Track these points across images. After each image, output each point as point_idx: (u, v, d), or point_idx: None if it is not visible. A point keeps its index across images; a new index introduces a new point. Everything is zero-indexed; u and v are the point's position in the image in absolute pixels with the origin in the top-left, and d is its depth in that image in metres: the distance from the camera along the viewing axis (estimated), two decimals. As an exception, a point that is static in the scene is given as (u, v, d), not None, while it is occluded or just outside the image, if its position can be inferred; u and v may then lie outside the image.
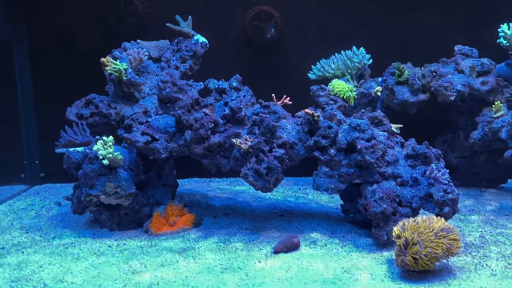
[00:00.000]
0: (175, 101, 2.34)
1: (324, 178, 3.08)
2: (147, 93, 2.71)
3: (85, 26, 3.29)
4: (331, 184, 3.03)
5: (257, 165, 2.17)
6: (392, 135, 2.36)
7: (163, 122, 2.44)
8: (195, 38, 2.95)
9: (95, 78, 3.17)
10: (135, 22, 3.20)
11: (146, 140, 2.30)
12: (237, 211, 2.65)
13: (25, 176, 3.37)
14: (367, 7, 3.30)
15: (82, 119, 2.59)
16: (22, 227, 2.49)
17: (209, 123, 2.30)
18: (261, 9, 3.22)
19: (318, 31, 3.34)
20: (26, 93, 3.30)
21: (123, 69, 2.57)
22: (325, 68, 3.05)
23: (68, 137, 2.51)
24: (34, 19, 3.24)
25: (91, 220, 2.52)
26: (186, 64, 2.91)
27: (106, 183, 2.28)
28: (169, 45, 2.99)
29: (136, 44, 2.89)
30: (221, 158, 2.31)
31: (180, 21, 2.96)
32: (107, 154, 2.23)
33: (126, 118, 2.57)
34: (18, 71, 3.26)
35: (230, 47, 3.35)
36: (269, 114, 2.33)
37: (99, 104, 2.61)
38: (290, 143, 2.22)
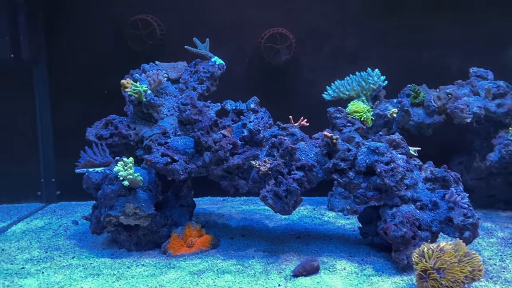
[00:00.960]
0: (194, 123, 2.38)
1: (339, 199, 3.08)
2: (166, 114, 2.75)
3: (103, 46, 3.35)
4: (346, 205, 3.02)
5: (276, 188, 2.18)
6: (410, 158, 2.36)
7: (181, 143, 2.47)
8: (213, 60, 3.00)
9: (111, 98, 3.26)
10: (152, 44, 3.26)
11: (166, 161, 2.32)
12: (253, 232, 2.65)
13: (42, 194, 3.41)
14: (381, 29, 3.34)
15: (102, 139, 2.62)
16: (41, 247, 2.50)
17: (228, 145, 2.32)
18: (276, 31, 3.27)
19: (332, 53, 3.38)
20: (44, 112, 3.35)
21: (143, 90, 2.61)
22: (340, 89, 3.08)
23: (87, 157, 2.54)
24: (53, 39, 3.31)
25: (109, 240, 2.53)
26: (204, 85, 2.95)
27: (126, 204, 2.30)
28: (187, 67, 3.04)
29: (154, 66, 2.94)
30: (240, 180, 2.33)
31: (198, 43, 3.01)
32: (128, 175, 2.26)
33: (145, 139, 2.61)
34: (37, 89, 3.32)
35: (245, 68, 3.39)
36: (287, 136, 2.35)
37: (119, 125, 2.65)
38: (309, 166, 2.23)
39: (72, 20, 3.30)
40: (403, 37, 3.33)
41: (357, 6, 3.33)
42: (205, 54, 3.00)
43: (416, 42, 3.33)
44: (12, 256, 2.38)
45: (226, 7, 3.33)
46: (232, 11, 3.34)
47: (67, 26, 3.30)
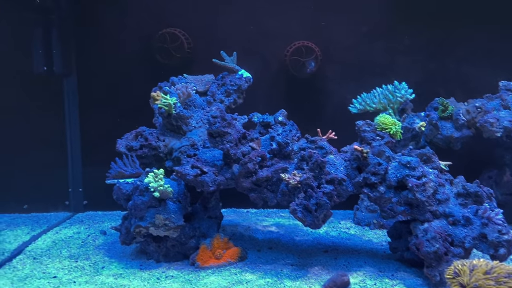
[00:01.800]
0: (224, 135, 2.40)
1: (365, 212, 3.06)
2: (194, 126, 2.78)
3: (131, 59, 3.42)
4: (373, 219, 3.00)
5: (306, 201, 2.17)
6: (441, 172, 2.34)
7: (210, 155, 2.49)
8: (240, 73, 3.03)
9: (139, 110, 3.31)
10: (180, 57, 3.31)
11: (196, 173, 2.34)
12: (280, 245, 2.64)
13: (69, 204, 3.46)
14: (408, 41, 3.33)
15: (132, 151, 2.67)
16: (71, 256, 2.54)
17: (256, 158, 2.33)
18: (301, 44, 3.30)
19: (358, 65, 3.38)
20: (73, 123, 3.42)
21: (173, 103, 2.65)
22: (366, 102, 3.07)
23: (118, 168, 2.58)
24: (83, 53, 3.39)
25: (138, 251, 2.56)
26: (231, 98, 2.98)
27: (156, 215, 2.33)
28: (214, 80, 3.08)
29: (183, 79, 2.99)
30: (268, 192, 2.33)
31: (225, 56, 3.05)
32: (158, 187, 2.29)
33: (175, 151, 2.64)
34: (67, 101, 3.39)
35: (270, 81, 3.42)
36: (316, 149, 2.36)
37: (149, 137, 2.69)
38: (339, 179, 2.22)
39: (101, 34, 3.37)
40: (430, 49, 3.32)
41: (384, 19, 3.34)
42: (232, 67, 3.03)
43: (443, 55, 3.31)
44: (43, 265, 2.42)
45: (252, 21, 3.38)
46: (257, 25, 3.38)
47: (96, 40, 3.38)
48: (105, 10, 3.33)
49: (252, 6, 3.36)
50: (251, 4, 3.35)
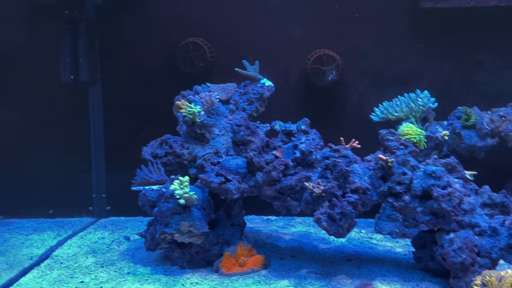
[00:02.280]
0: (248, 143, 2.43)
1: (387, 221, 3.03)
2: (217, 134, 2.82)
3: (154, 68, 3.48)
4: (395, 228, 2.97)
5: (330, 210, 2.19)
6: (466, 182, 2.32)
7: (233, 163, 2.52)
8: (262, 81, 3.06)
9: (161, 117, 3.37)
10: (202, 65, 3.36)
11: (220, 181, 2.37)
12: (303, 254, 2.65)
13: (93, 209, 3.53)
14: (430, 50, 3.33)
15: (157, 158, 2.72)
16: (97, 261, 2.59)
17: (280, 166, 2.35)
18: (322, 52, 3.31)
19: (380, 74, 3.38)
20: (98, 130, 3.49)
21: (197, 112, 2.70)
22: (388, 111, 3.07)
23: (143, 175, 2.63)
24: (108, 62, 3.46)
25: (162, 257, 2.59)
26: (253, 106, 3.01)
27: (181, 221, 2.36)
28: (237, 88, 3.12)
29: (206, 88, 3.04)
30: (292, 201, 2.35)
31: (247, 65, 3.09)
32: (184, 194, 2.32)
33: (198, 158, 2.68)
34: (91, 109, 3.47)
35: (291, 89, 3.43)
36: (340, 158, 2.37)
37: (173, 144, 2.74)
38: (363, 189, 2.23)
39: (125, 43, 3.44)
40: (453, 58, 3.31)
41: (405, 27, 3.34)
42: (254, 76, 3.07)
43: (466, 63, 3.29)
44: (71, 270, 2.47)
45: (273, 30, 3.40)
46: (278, 34, 3.41)
47: (120, 49, 3.45)
48: (130, 20, 3.40)
49: (274, 15, 3.39)
50: (273, 13, 3.39)
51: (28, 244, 2.88)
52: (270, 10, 3.39)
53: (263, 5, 3.39)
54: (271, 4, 3.38)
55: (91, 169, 3.51)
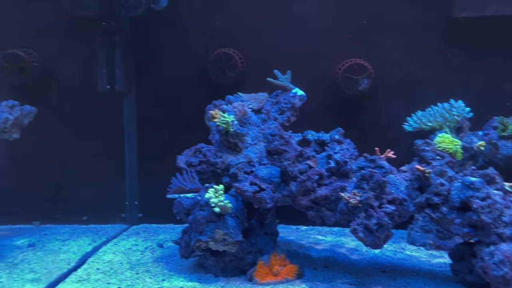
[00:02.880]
0: (282, 153, 2.45)
1: (421, 233, 3.00)
2: (250, 143, 2.85)
3: (187, 78, 3.54)
4: (429, 240, 2.93)
5: (366, 221, 2.17)
6: (505, 194, 2.27)
7: (266, 172, 2.54)
8: (293, 91, 3.08)
9: (193, 126, 3.43)
10: (234, 76, 3.40)
11: (254, 190, 2.39)
12: (336, 264, 2.63)
13: (126, 216, 3.60)
14: (464, 59, 3.29)
15: (191, 166, 2.75)
16: (132, 268, 2.64)
17: (315, 176, 2.36)
18: (354, 62, 3.31)
19: (412, 83, 3.36)
20: (131, 138, 3.57)
21: (231, 121, 2.73)
22: (422, 120, 3.04)
23: (178, 183, 2.67)
24: (141, 71, 3.55)
25: (196, 264, 2.62)
26: (284, 115, 3.03)
27: (215, 230, 2.39)
28: (268, 98, 3.15)
29: (238, 97, 3.07)
30: (327, 211, 2.35)
31: (279, 75, 3.12)
32: (219, 202, 2.35)
33: (232, 167, 2.71)
34: (125, 118, 3.55)
35: (322, 99, 3.44)
36: (376, 169, 2.36)
37: (207, 153, 2.77)
38: (400, 199, 2.21)
39: (158, 54, 3.52)
40: (487, 67, 3.26)
41: (438, 36, 3.31)
42: (286, 85, 3.09)
43: (500, 73, 3.24)
44: (107, 276, 2.52)
45: (303, 39, 3.42)
46: (309, 43, 3.43)
47: (154, 60, 3.53)
48: (163, 31, 3.48)
49: (304, 24, 3.41)
50: (303, 22, 3.41)
51: (65, 249, 2.96)
52: (300, 19, 3.41)
53: (293, 14, 3.42)
54: (301, 13, 3.41)
55: (125, 176, 3.58)
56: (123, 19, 3.32)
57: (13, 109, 3.12)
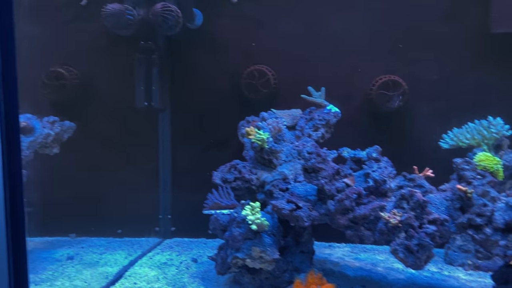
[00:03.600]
0: (319, 171, 2.44)
1: (458, 252, 2.93)
2: (284, 160, 2.86)
3: (220, 94, 3.59)
4: (467, 260, 2.87)
5: (407, 241, 2.14)
6: (552, 215, 2.21)
7: (302, 189, 2.54)
8: (328, 107, 3.09)
9: (226, 141, 3.48)
10: (267, 92, 3.44)
11: (291, 208, 2.40)
12: (373, 283, 2.60)
13: (159, 230, 3.65)
14: (499, 74, 3.23)
15: (226, 183, 2.79)
16: (168, 283, 2.67)
17: (353, 194, 2.35)
18: (388, 78, 3.30)
19: (447, 100, 3.32)
20: (166, 153, 3.64)
21: (266, 138, 2.75)
22: (458, 138, 2.99)
23: (214, 199, 2.70)
24: (176, 88, 3.62)
25: (231, 281, 2.63)
26: (319, 132, 3.04)
27: (252, 247, 2.39)
28: (302, 114, 3.16)
29: (273, 114, 3.10)
30: (365, 230, 2.33)
31: (313, 92, 3.13)
32: (255, 220, 2.36)
33: (267, 184, 2.73)
34: (161, 133, 3.62)
35: (355, 115, 3.43)
36: (416, 188, 2.33)
37: (242, 170, 2.80)
38: (441, 220, 2.17)
39: (193, 71, 3.59)
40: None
41: (474, 52, 3.27)
42: (320, 102, 3.10)
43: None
44: (145, 290, 2.56)
45: (337, 55, 3.44)
46: (342, 59, 3.44)
47: (188, 76, 3.60)
48: (197, 49, 3.56)
49: (338, 41, 3.43)
50: (337, 38, 3.43)
51: (103, 262, 3.01)
52: (334, 35, 3.43)
53: (327, 30, 3.44)
54: (335, 29, 3.43)
55: (159, 190, 3.64)
56: (160, 38, 3.41)
57: (54, 125, 3.24)
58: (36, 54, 3.42)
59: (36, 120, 3.20)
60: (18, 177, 1.54)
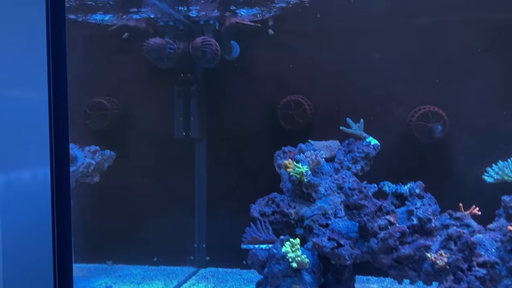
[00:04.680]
0: (361, 208, 2.40)
1: (507, 293, 2.79)
2: (323, 193, 2.83)
3: (256, 123, 3.61)
4: (517, 302, 2.72)
5: (456, 285, 2.06)
6: None
7: (343, 225, 2.50)
8: (367, 140, 3.05)
9: (261, 171, 3.47)
10: (303, 122, 3.43)
11: (333, 246, 2.35)
12: (417, 325, 2.51)
13: (194, 259, 3.65)
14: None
15: (264, 216, 2.77)
16: (206, 317, 2.65)
17: (396, 233, 2.29)
18: (428, 109, 3.24)
19: (490, 132, 3.22)
20: (201, 183, 3.67)
21: (305, 171, 2.74)
22: (504, 171, 2.88)
23: (253, 233, 2.69)
24: (212, 117, 3.67)
25: (269, 318, 2.59)
26: (358, 165, 2.99)
27: (292, 285, 2.36)
28: (340, 146, 3.13)
29: (310, 145, 3.08)
30: (410, 271, 2.26)
31: (351, 123, 3.10)
32: (296, 257, 2.33)
33: (306, 219, 2.69)
34: (197, 163, 3.66)
35: (393, 147, 3.36)
36: (461, 227, 2.25)
37: (280, 203, 2.78)
38: (492, 262, 2.09)
39: (229, 101, 3.64)
40: None
41: (518, 84, 3.19)
42: (359, 134, 3.07)
43: None
44: (183, 325, 2.55)
45: (374, 85, 3.40)
46: (380, 89, 3.40)
47: (224, 106, 3.64)
48: (234, 80, 3.61)
49: (375, 70, 3.40)
50: (374, 68, 3.40)
51: (140, 293, 3.04)
52: (371, 65, 3.40)
53: (364, 60, 3.41)
54: (372, 59, 3.40)
55: (194, 219, 3.66)
56: (199, 70, 3.48)
57: (95, 154, 3.33)
58: (79, 85, 3.54)
59: (78, 150, 3.30)
60: (67, 207, 1.57)
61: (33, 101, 1.49)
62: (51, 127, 1.48)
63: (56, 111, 1.50)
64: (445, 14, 3.26)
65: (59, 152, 1.57)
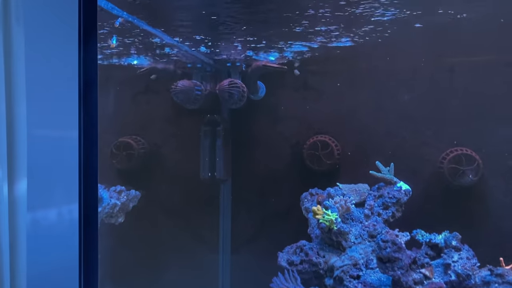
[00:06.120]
0: (394, 261, 2.29)
1: None
2: (353, 241, 2.73)
3: (280, 164, 3.57)
4: None
5: None
6: None
7: (375, 278, 2.39)
8: (398, 185, 2.96)
9: (287, 212, 3.40)
10: (330, 163, 3.37)
11: (366, 301, 2.25)
12: None
13: (220, 306, 3.57)
14: None
15: (292, 265, 2.68)
16: None
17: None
18: (460, 152, 3.14)
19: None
20: (226, 224, 3.62)
21: (334, 219, 2.65)
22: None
23: (280, 284, 2.60)
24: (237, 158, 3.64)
25: None
26: (389, 211, 2.90)
27: None
28: (369, 191, 3.04)
29: (339, 190, 3.01)
30: (449, 331, 2.13)
31: (381, 167, 3.02)
32: (327, 313, 2.23)
33: (336, 269, 2.59)
34: (222, 204, 3.62)
35: (424, 191, 3.26)
36: (503, 285, 2.12)
37: (309, 252, 2.69)
38: (540, 328, 1.94)
39: (254, 142, 3.61)
40: None
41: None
42: (390, 179, 2.98)
43: None
44: None
45: (403, 127, 3.33)
46: (409, 131, 3.33)
47: (250, 147, 3.62)
48: (260, 119, 3.59)
49: (404, 111, 3.34)
50: (403, 109, 3.34)
51: None
52: (400, 106, 3.34)
53: (392, 101, 3.36)
54: (401, 100, 3.35)
55: (218, 263, 3.59)
56: (225, 111, 3.48)
57: (121, 195, 3.32)
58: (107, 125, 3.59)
59: (103, 190, 3.30)
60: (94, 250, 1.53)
61: (64, 139, 1.47)
62: (80, 167, 1.46)
63: (86, 150, 1.48)
64: (480, 55, 3.20)
65: (88, 193, 1.54)
